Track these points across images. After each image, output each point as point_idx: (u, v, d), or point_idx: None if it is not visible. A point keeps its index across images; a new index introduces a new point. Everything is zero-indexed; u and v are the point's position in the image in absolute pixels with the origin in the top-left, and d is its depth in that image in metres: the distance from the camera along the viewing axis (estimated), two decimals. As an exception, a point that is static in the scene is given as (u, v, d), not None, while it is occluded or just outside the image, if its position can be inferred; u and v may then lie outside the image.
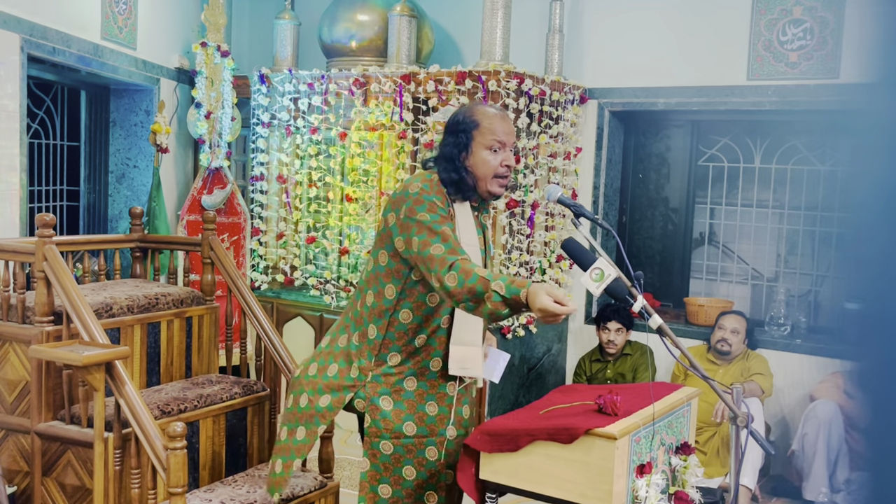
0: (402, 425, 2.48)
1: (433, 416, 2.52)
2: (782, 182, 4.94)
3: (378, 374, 2.48)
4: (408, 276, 2.41)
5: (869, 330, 0.82)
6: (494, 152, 2.45)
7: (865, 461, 0.84)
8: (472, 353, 2.46)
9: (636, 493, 2.30)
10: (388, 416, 2.46)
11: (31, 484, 3.18)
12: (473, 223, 2.50)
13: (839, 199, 4.57)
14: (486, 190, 2.49)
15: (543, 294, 2.09)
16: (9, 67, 3.99)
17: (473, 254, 2.46)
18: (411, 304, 2.43)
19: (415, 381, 2.49)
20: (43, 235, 3.15)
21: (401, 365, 2.48)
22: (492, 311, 2.17)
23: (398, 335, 2.46)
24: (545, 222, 4.82)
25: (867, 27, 0.83)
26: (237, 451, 3.57)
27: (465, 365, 2.45)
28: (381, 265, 2.45)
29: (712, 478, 4.14)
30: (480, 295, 2.17)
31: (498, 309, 2.16)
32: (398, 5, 4.91)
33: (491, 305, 2.16)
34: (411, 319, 2.44)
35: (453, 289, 2.22)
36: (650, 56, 4.84)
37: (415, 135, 4.68)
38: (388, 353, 2.47)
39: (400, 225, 2.37)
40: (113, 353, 2.91)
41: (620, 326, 4.56)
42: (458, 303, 2.23)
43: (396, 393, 2.48)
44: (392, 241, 2.41)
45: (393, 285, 2.43)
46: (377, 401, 2.47)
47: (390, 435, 2.47)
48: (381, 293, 2.46)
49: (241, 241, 5.32)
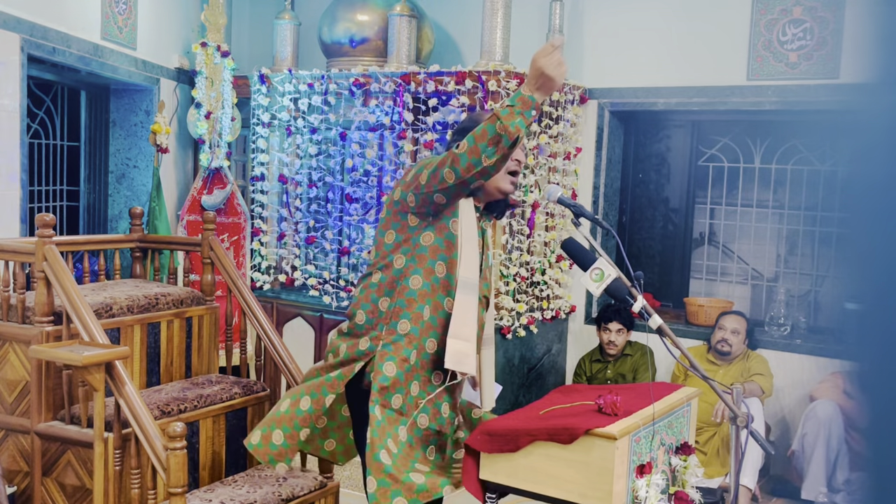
0: (393, 395, 2.45)
1: (413, 396, 2.49)
2: (782, 182, 4.94)
3: (388, 342, 2.47)
4: (417, 242, 2.45)
5: (869, 330, 0.82)
6: None
7: (865, 461, 0.84)
8: (468, 349, 2.45)
9: (636, 493, 2.30)
10: (387, 382, 2.44)
11: (31, 484, 3.18)
12: (475, 221, 2.51)
13: (839, 199, 4.56)
14: (497, 187, 2.50)
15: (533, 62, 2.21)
16: (9, 67, 3.99)
17: (472, 250, 2.48)
18: (421, 269, 2.44)
19: (416, 354, 2.48)
20: (43, 235, 3.15)
21: (410, 333, 2.46)
22: (506, 125, 2.20)
23: (408, 301, 2.45)
24: (545, 222, 4.82)
25: (867, 27, 0.83)
26: (237, 451, 3.57)
27: (461, 360, 2.44)
28: (389, 243, 2.49)
29: (712, 478, 4.14)
30: (490, 127, 2.22)
31: (510, 119, 2.20)
32: (398, 5, 4.91)
33: (503, 121, 2.20)
34: (421, 285, 2.45)
35: (466, 148, 2.26)
36: (650, 56, 4.84)
37: (415, 135, 4.68)
38: (399, 320, 2.46)
39: (406, 183, 2.45)
40: (113, 353, 2.91)
41: (621, 327, 4.56)
42: (478, 156, 2.23)
43: (403, 362, 2.46)
44: (403, 209, 2.45)
45: (402, 255, 2.46)
46: (382, 366, 2.45)
47: (380, 400, 2.44)
48: (391, 266, 2.48)
49: (241, 241, 5.32)
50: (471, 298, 2.47)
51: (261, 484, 3.25)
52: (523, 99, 2.22)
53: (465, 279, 2.47)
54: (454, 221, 2.46)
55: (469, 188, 2.38)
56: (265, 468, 3.49)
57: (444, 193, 2.37)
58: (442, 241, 2.46)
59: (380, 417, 2.42)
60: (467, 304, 2.46)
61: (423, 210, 2.44)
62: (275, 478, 3.33)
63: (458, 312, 2.45)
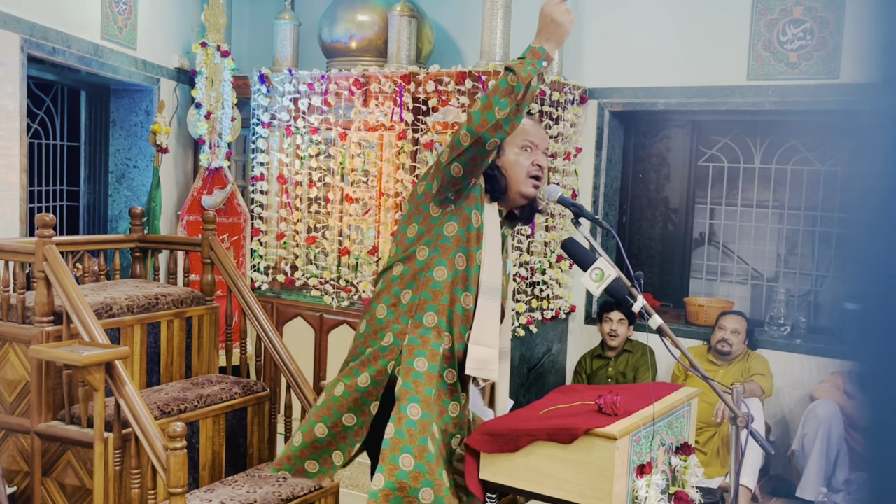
0: (433, 390, 2.38)
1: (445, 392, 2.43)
2: (782, 182, 4.94)
3: (415, 335, 2.40)
4: (440, 233, 2.40)
5: (869, 330, 0.82)
6: (526, 151, 2.47)
7: (865, 461, 0.84)
8: (490, 355, 2.41)
9: (636, 493, 2.30)
10: (421, 378, 2.36)
11: (31, 484, 3.18)
12: (498, 226, 2.49)
13: (839, 199, 4.56)
14: (519, 191, 2.48)
15: (541, 12, 2.27)
16: (9, 67, 3.99)
17: (495, 254, 2.45)
18: (445, 260, 2.40)
19: (445, 347, 2.41)
20: (43, 235, 3.15)
21: (437, 326, 2.40)
22: (518, 73, 2.21)
23: (433, 294, 2.40)
24: (545, 222, 4.82)
25: (867, 27, 0.83)
26: (237, 451, 3.57)
27: (482, 366, 2.39)
28: (411, 236, 2.44)
29: (712, 478, 4.14)
30: (503, 81, 2.23)
31: (521, 68, 2.21)
32: (398, 5, 4.91)
33: (515, 71, 2.21)
34: (446, 276, 2.40)
35: (479, 106, 2.26)
36: (650, 56, 4.84)
37: (415, 135, 4.68)
38: (425, 313, 2.40)
39: (430, 174, 2.44)
40: (113, 353, 2.91)
41: (623, 317, 4.57)
42: (492, 109, 2.23)
43: (432, 356, 2.39)
44: (425, 200, 2.43)
45: (425, 246, 2.41)
46: (412, 362, 2.37)
47: (420, 398, 2.35)
48: (413, 258, 2.43)
49: (242, 241, 5.32)
50: (493, 303, 2.43)
51: (261, 484, 3.25)
52: (533, 51, 2.25)
53: (488, 283, 2.42)
54: (476, 213, 2.42)
55: (485, 150, 2.29)
56: (265, 468, 3.49)
57: (460, 162, 2.30)
58: (464, 233, 2.41)
59: (413, 418, 2.34)
60: (490, 309, 2.42)
61: (444, 195, 2.39)
62: (275, 478, 3.33)
63: (479, 318, 2.40)
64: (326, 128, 5.02)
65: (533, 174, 2.48)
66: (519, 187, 2.47)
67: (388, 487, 2.30)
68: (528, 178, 2.47)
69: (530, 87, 2.23)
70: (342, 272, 5.00)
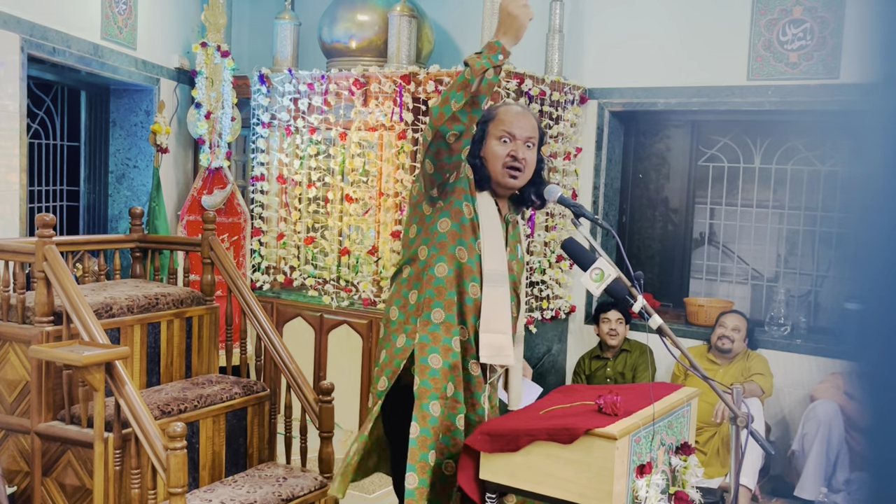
0: (448, 385, 2.42)
1: (460, 389, 2.46)
2: (782, 182, 4.94)
3: (425, 333, 2.44)
4: (435, 230, 2.45)
5: (869, 330, 0.82)
6: (504, 143, 2.50)
7: (865, 461, 0.84)
8: (504, 340, 2.45)
9: (636, 493, 2.30)
10: (438, 375, 2.41)
11: (31, 484, 3.18)
12: (496, 213, 2.53)
13: (839, 199, 4.56)
14: (498, 181, 2.52)
15: (500, 7, 2.31)
16: (9, 67, 3.99)
17: (495, 241, 2.49)
18: (444, 256, 2.44)
19: (456, 342, 2.46)
20: (43, 235, 3.15)
21: (446, 321, 2.44)
22: (472, 66, 2.25)
23: (437, 290, 2.44)
24: (545, 222, 4.82)
25: (867, 27, 0.83)
26: (237, 451, 3.57)
27: (496, 353, 2.43)
28: (412, 238, 2.51)
29: (712, 478, 4.14)
30: (460, 76, 2.27)
31: (475, 61, 2.26)
32: (398, 5, 4.91)
33: (469, 65, 2.26)
34: (447, 272, 2.44)
35: (437, 101, 2.30)
36: (650, 56, 4.84)
37: (415, 135, 4.68)
38: (432, 310, 2.44)
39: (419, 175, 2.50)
40: (113, 353, 2.91)
41: (620, 316, 4.58)
42: (448, 102, 2.26)
43: (445, 352, 2.43)
44: (418, 200, 2.49)
45: (424, 245, 2.46)
46: (426, 360, 2.42)
47: (439, 395, 2.40)
48: (416, 258, 2.49)
49: (241, 241, 5.32)
50: (500, 290, 2.47)
51: (261, 484, 3.25)
52: (490, 45, 2.30)
53: (491, 271, 2.46)
54: (467, 205, 2.46)
55: (447, 144, 2.31)
56: (265, 468, 3.49)
57: (429, 158, 2.37)
58: (458, 226, 2.45)
59: (435, 415, 2.40)
60: (497, 296, 2.46)
61: (429, 193, 2.45)
62: (275, 478, 3.33)
63: (487, 306, 2.44)
64: (326, 128, 5.02)
65: (508, 165, 2.50)
66: (497, 178, 2.51)
67: (423, 485, 2.37)
68: (504, 168, 2.50)
69: (484, 80, 2.26)
70: (342, 272, 5.00)
